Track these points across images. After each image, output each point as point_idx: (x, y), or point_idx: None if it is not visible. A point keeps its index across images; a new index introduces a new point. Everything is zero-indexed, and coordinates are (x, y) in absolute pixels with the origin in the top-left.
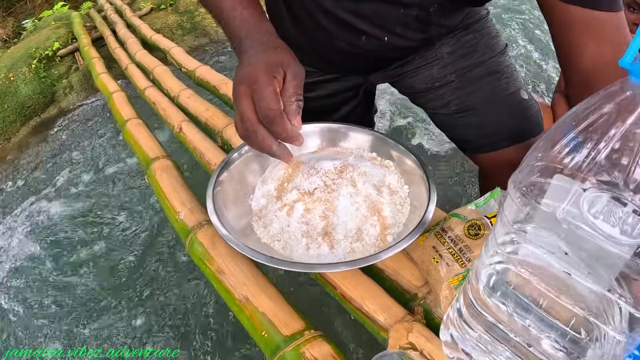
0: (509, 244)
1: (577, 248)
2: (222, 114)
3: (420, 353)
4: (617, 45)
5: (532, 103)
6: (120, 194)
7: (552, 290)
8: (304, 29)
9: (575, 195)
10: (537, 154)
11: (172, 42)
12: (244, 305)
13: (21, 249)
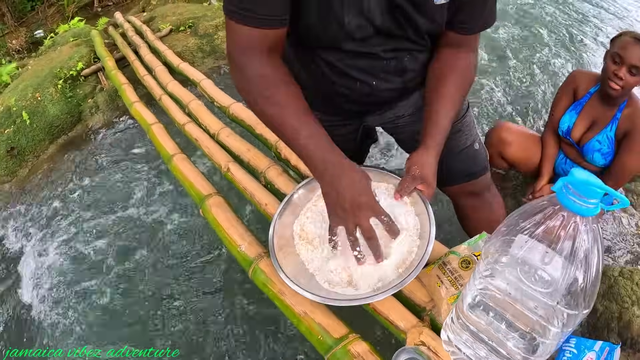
0: (488, 276)
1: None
2: (263, 155)
3: (428, 348)
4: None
5: (482, 151)
6: (148, 209)
7: (517, 305)
8: (312, 76)
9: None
10: (502, 229)
11: (200, 73)
12: (303, 317)
13: (54, 263)
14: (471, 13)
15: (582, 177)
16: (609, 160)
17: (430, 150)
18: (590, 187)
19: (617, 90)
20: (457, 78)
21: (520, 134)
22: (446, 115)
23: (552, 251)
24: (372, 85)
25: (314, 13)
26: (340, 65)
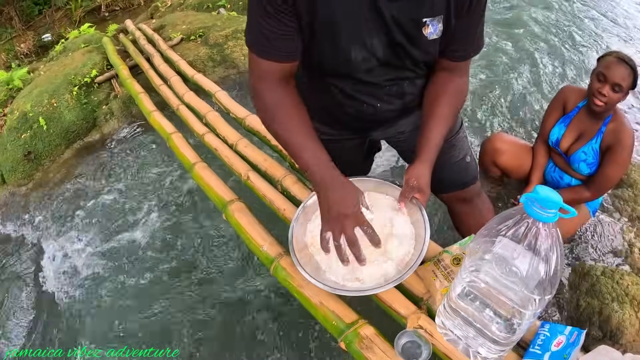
0: (473, 270)
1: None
2: (279, 165)
3: (425, 331)
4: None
5: (472, 164)
6: (158, 212)
7: (498, 294)
8: (323, 98)
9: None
10: (483, 231)
11: (215, 84)
12: (319, 307)
13: (66, 264)
14: (461, 43)
15: (544, 193)
16: (593, 170)
17: (425, 163)
18: (549, 201)
19: (600, 106)
20: (449, 100)
21: (512, 143)
22: (439, 133)
23: (521, 249)
24: (377, 107)
25: (325, 49)
26: (348, 91)
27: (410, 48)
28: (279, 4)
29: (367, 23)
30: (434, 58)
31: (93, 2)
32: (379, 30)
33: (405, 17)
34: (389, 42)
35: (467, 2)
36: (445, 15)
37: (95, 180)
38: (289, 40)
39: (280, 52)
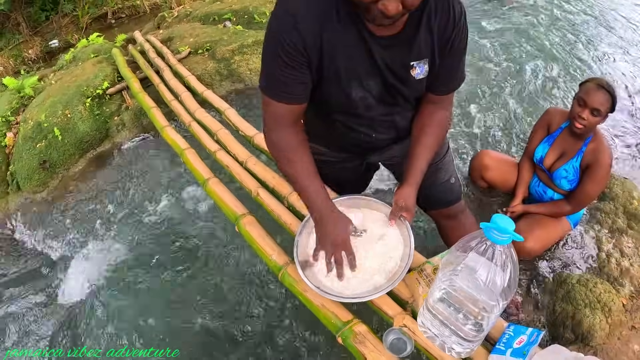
0: (448, 279)
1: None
2: (285, 183)
3: (408, 329)
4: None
5: (457, 184)
6: (169, 222)
7: (469, 301)
8: (328, 129)
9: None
10: (459, 246)
11: (224, 102)
12: (321, 308)
13: (77, 266)
14: (444, 80)
15: (499, 222)
16: (574, 186)
17: (411, 186)
18: (503, 229)
19: (580, 128)
20: (434, 130)
21: (498, 159)
22: (424, 159)
23: (484, 263)
24: (372, 136)
25: (330, 90)
26: (348, 124)
27: (400, 87)
28: (294, 55)
29: (364, 68)
30: (421, 94)
31: (100, 9)
32: (374, 73)
33: (395, 62)
34: (383, 83)
35: (448, 45)
36: (430, 57)
37: (107, 189)
38: (301, 85)
39: (293, 96)
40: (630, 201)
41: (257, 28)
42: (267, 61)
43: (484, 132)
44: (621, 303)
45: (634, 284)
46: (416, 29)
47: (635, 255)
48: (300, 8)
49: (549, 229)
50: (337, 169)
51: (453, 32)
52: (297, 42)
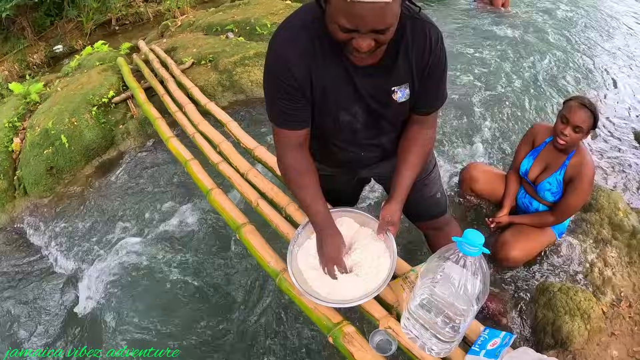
0: (427, 288)
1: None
2: (283, 194)
3: (392, 330)
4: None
5: (443, 198)
6: (173, 227)
7: (446, 306)
8: (324, 148)
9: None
10: (438, 256)
11: (226, 115)
12: (314, 310)
13: (79, 271)
14: (426, 101)
15: (470, 237)
16: (557, 198)
17: (397, 202)
18: (473, 243)
19: (563, 144)
20: (418, 150)
21: (486, 172)
22: (409, 177)
23: (458, 272)
24: (361, 155)
25: (321, 116)
26: (339, 144)
27: (383, 112)
28: (290, 92)
29: (348, 96)
30: (404, 117)
31: (104, 15)
32: (358, 100)
33: (377, 89)
34: (366, 108)
35: (426, 70)
36: (410, 82)
37: (111, 196)
38: (301, 113)
39: (295, 123)
40: (616, 212)
41: (259, 40)
42: (270, 98)
43: (475, 144)
44: (601, 310)
45: (615, 292)
46: (395, 57)
47: (619, 264)
48: (290, 51)
49: (533, 239)
50: (331, 182)
51: (430, 57)
52: (291, 81)
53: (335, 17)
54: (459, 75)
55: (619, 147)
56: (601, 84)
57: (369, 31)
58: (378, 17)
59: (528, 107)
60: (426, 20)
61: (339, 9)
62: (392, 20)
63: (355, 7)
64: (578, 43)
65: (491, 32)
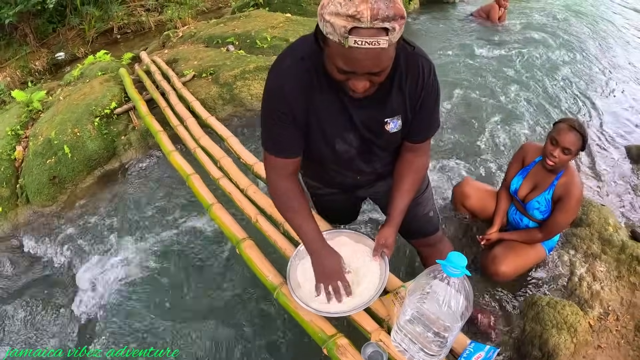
0: (415, 305)
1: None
2: None
3: (383, 343)
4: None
5: (435, 217)
6: (172, 237)
7: (435, 320)
8: (320, 173)
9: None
10: (426, 274)
11: (227, 130)
12: (309, 323)
13: (82, 276)
14: (419, 130)
15: (453, 259)
16: (545, 216)
17: (392, 227)
18: (456, 265)
19: (552, 165)
20: (412, 176)
21: (478, 189)
22: (403, 203)
23: (444, 290)
24: (357, 178)
25: (318, 145)
26: (336, 169)
27: (376, 140)
28: (286, 121)
29: (343, 125)
30: (397, 144)
31: (106, 23)
32: (353, 129)
33: (370, 119)
34: (360, 137)
35: (419, 102)
36: (403, 113)
37: (113, 206)
38: (294, 143)
39: (289, 152)
40: (606, 227)
41: (259, 53)
42: (265, 125)
43: (469, 159)
44: (588, 324)
45: (603, 306)
46: (388, 90)
47: (607, 279)
48: (287, 83)
49: (523, 254)
50: (329, 201)
51: (423, 90)
52: (287, 110)
53: (333, 59)
54: (453, 90)
55: (610, 162)
56: (594, 98)
57: (365, 73)
58: (374, 61)
59: (521, 123)
60: (420, 54)
61: (337, 53)
62: (388, 63)
63: (353, 52)
64: (573, 58)
65: (487, 46)
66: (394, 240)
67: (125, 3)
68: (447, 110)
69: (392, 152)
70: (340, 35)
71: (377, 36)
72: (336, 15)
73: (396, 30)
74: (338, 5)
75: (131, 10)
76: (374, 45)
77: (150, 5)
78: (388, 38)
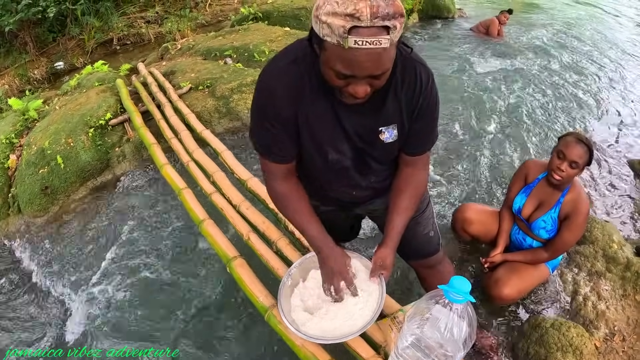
0: (414, 331)
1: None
2: (275, 228)
3: None
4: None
5: (435, 237)
6: (162, 249)
7: (435, 347)
8: (314, 187)
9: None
10: (426, 299)
11: (222, 144)
12: (301, 347)
13: (73, 283)
14: (417, 142)
15: (456, 284)
16: (551, 235)
17: (389, 247)
18: (459, 291)
19: (559, 180)
20: (411, 192)
21: (480, 212)
22: (401, 222)
23: (446, 316)
24: (353, 194)
25: (310, 153)
26: (332, 184)
27: (371, 151)
28: (276, 124)
29: (335, 132)
30: (394, 156)
31: (105, 34)
32: (345, 138)
33: (364, 127)
34: (353, 147)
35: (416, 111)
36: (399, 122)
37: (105, 218)
38: (286, 147)
39: (281, 156)
40: (610, 244)
41: (257, 66)
42: (256, 128)
43: (469, 178)
44: (594, 346)
45: (609, 326)
46: (384, 97)
47: (612, 298)
48: (277, 84)
49: (526, 275)
50: (328, 220)
51: (420, 99)
52: (277, 113)
53: (332, 63)
54: (452, 106)
55: (613, 176)
56: (595, 112)
57: (366, 77)
58: (375, 62)
59: (521, 139)
60: (417, 60)
61: (336, 56)
62: (389, 64)
63: (353, 53)
64: (573, 73)
65: (486, 62)
66: (392, 261)
67: (126, 14)
68: (443, 125)
69: (389, 166)
70: (338, 35)
71: (378, 35)
72: (333, 15)
73: (397, 29)
74: (335, 4)
75: (131, 22)
76: (375, 45)
77: (150, 17)
78: (389, 37)
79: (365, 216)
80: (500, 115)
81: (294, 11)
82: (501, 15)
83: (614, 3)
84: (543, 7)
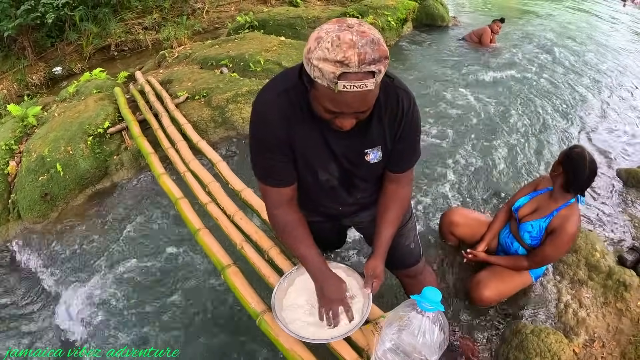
0: (391, 337)
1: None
2: (267, 237)
3: None
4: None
5: (416, 249)
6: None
7: (411, 351)
8: (307, 201)
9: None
10: (402, 307)
11: (217, 155)
12: (289, 350)
13: (71, 288)
14: (400, 161)
15: (428, 295)
16: (535, 243)
17: (379, 258)
18: (430, 300)
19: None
20: (396, 207)
21: (467, 216)
22: (388, 234)
23: (420, 324)
24: (339, 209)
25: (302, 172)
26: (321, 200)
27: (357, 171)
28: (272, 148)
29: (324, 155)
30: (379, 174)
31: (103, 40)
32: (333, 160)
33: (350, 150)
34: (340, 168)
35: (399, 134)
36: (383, 144)
37: (103, 225)
38: (285, 171)
39: (280, 181)
40: (593, 253)
41: (252, 76)
42: (254, 155)
43: (456, 185)
44: (572, 351)
45: (589, 333)
46: (368, 122)
47: (593, 305)
48: (271, 111)
49: (508, 280)
50: (316, 229)
51: (402, 122)
52: (272, 138)
53: (322, 101)
54: (442, 115)
55: (600, 186)
56: (585, 121)
57: (352, 113)
58: (362, 102)
59: (512, 148)
60: (399, 86)
61: (326, 96)
62: (373, 101)
63: (342, 95)
64: (564, 82)
65: (479, 71)
66: (382, 271)
67: (124, 21)
68: (435, 135)
69: (374, 183)
70: (329, 80)
71: (365, 79)
72: (324, 60)
73: (382, 72)
74: (326, 50)
75: (129, 28)
76: (362, 88)
77: (148, 23)
78: (375, 80)
79: (351, 227)
80: (491, 123)
81: (289, 20)
82: (494, 24)
83: (610, 10)
84: (539, 14)
